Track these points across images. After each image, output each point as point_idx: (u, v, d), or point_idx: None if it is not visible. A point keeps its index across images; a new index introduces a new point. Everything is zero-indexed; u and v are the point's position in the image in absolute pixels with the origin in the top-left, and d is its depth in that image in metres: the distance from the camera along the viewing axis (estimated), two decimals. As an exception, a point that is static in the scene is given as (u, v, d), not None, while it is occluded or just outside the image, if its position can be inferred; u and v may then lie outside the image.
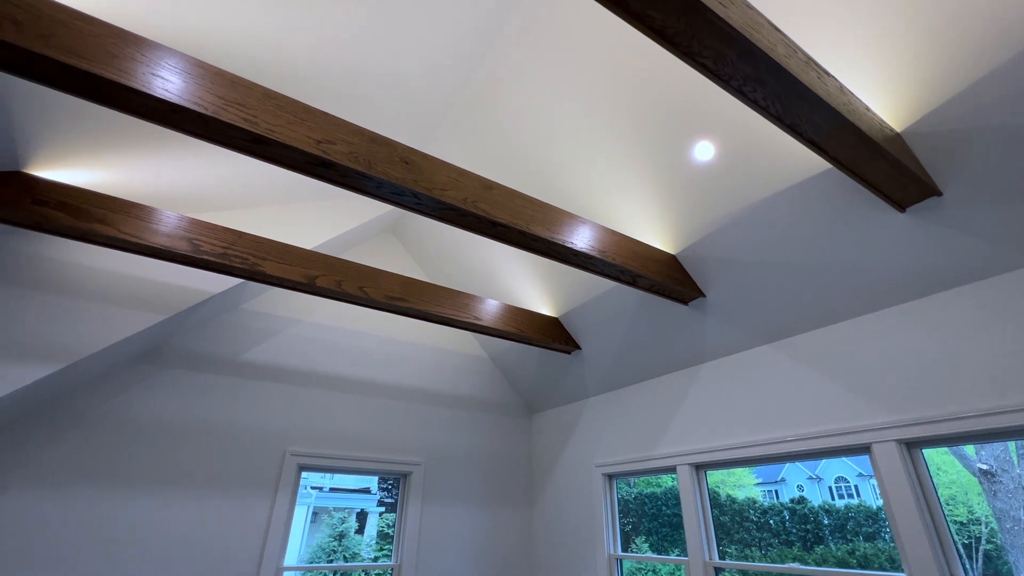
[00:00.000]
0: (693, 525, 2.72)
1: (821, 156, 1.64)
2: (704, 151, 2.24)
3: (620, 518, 3.35)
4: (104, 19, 1.65)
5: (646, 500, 3.59)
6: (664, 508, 3.63)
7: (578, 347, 3.52)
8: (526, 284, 3.48)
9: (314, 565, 5.23)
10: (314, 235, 3.05)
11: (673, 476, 3.66)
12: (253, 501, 2.99)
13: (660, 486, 3.78)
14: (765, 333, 2.60)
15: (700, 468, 2.85)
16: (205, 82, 1.53)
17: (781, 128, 1.52)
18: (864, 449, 2.15)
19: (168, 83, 1.46)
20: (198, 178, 2.59)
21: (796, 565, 2.33)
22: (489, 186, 2.04)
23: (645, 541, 3.44)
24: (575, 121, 2.51)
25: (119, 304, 2.51)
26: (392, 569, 3.32)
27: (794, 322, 2.46)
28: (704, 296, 2.66)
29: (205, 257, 2.33)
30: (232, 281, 2.79)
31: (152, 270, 2.64)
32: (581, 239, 2.25)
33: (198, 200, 2.73)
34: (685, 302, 2.72)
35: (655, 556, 3.17)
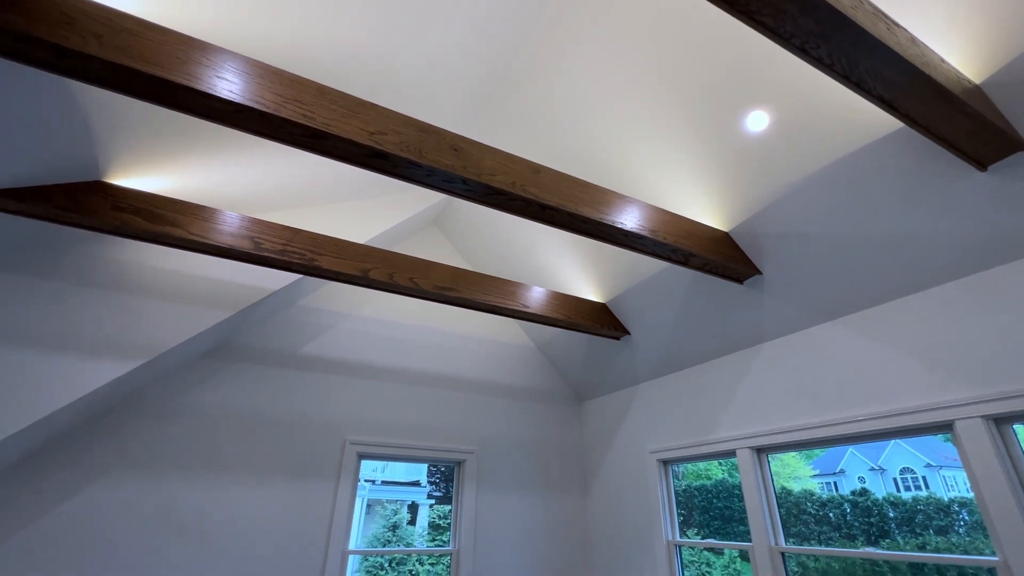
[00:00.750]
0: (756, 509, 2.65)
1: (892, 114, 1.54)
2: (757, 121, 2.15)
3: (675, 506, 3.29)
4: (169, 26, 1.74)
5: (695, 493, 3.50)
6: (715, 501, 3.53)
7: (627, 332, 3.47)
8: (571, 270, 3.46)
9: (377, 549, 5.41)
10: (365, 230, 3.14)
11: (723, 468, 3.57)
12: (317, 487, 3.12)
13: (710, 478, 3.68)
14: (829, 309, 2.48)
15: (762, 451, 2.76)
16: (264, 81, 1.60)
17: (847, 86, 1.44)
18: (945, 427, 2.02)
19: (232, 84, 1.54)
20: (256, 180, 2.71)
21: (872, 549, 2.22)
22: (537, 169, 2.04)
23: (697, 534, 3.36)
24: (620, 98, 2.46)
25: (190, 302, 2.67)
26: (451, 554, 3.40)
27: (862, 296, 2.34)
28: (760, 273, 2.57)
29: (266, 254, 2.44)
30: (291, 277, 2.91)
31: (217, 270, 2.79)
32: (631, 219, 2.21)
33: (257, 201, 2.86)
34: (740, 281, 2.64)
35: (716, 541, 3.10)
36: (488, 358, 4.07)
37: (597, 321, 3.36)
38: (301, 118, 1.61)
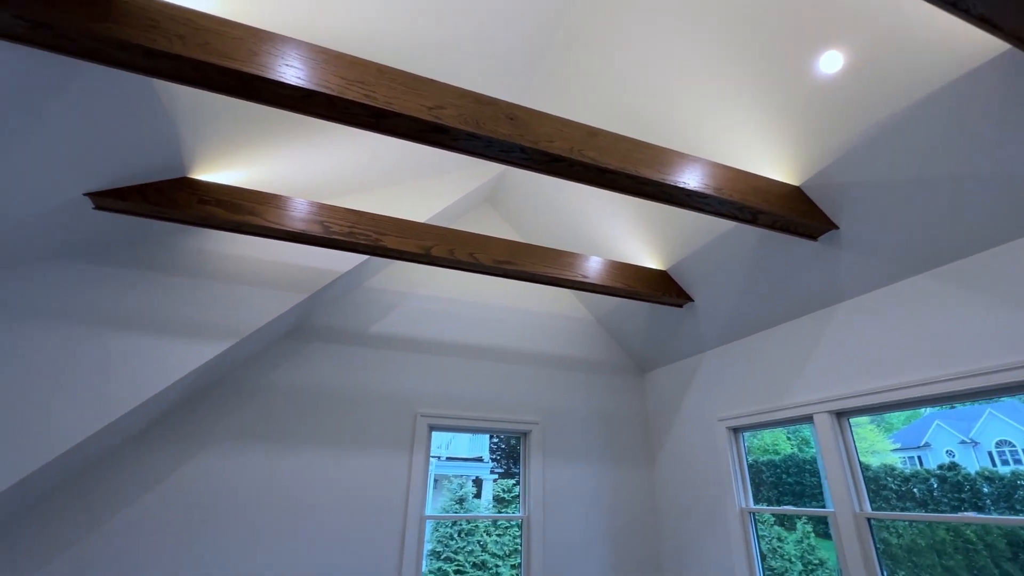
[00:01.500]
0: (837, 476, 2.54)
1: (995, 35, 1.39)
2: (830, 62, 2.00)
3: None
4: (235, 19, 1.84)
5: (763, 468, 3.38)
6: (784, 476, 3.40)
7: (690, 299, 3.38)
8: (630, 239, 3.40)
9: (451, 515, 5.68)
10: (424, 210, 3.22)
11: (792, 443, 3.43)
12: (393, 457, 3.30)
13: (778, 453, 3.55)
14: (918, 261, 2.30)
15: (842, 415, 2.64)
16: (328, 65, 1.66)
17: (943, 8, 1.31)
18: (1059, 382, 1.85)
19: (299, 71, 1.61)
20: (321, 168, 2.84)
21: (972, 514, 2.08)
22: (594, 133, 2.00)
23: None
24: (676, 49, 2.36)
25: (269, 287, 2.86)
26: (521, 520, 3.51)
27: (957, 245, 2.15)
28: (837, 228, 2.41)
29: (334, 236, 2.56)
30: (358, 258, 3.05)
31: (291, 255, 2.96)
32: (694, 178, 2.14)
33: (323, 187, 3.00)
34: (814, 237, 2.49)
35: (793, 508, 3.01)
36: (548, 331, 4.10)
37: (658, 289, 3.29)
38: (364, 98, 1.66)
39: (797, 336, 2.91)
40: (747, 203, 2.21)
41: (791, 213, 2.31)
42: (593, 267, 3.14)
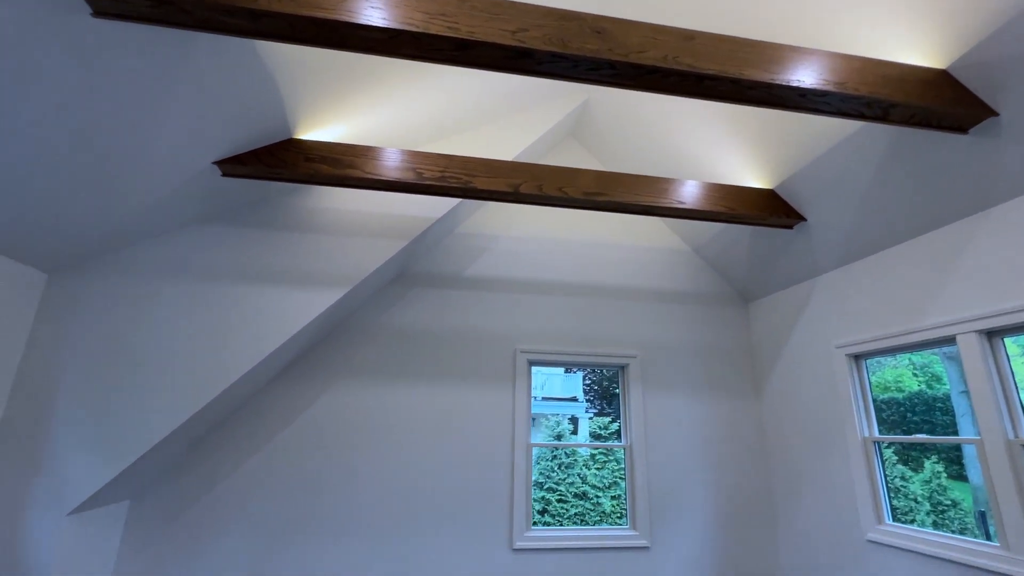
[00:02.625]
0: (987, 400, 2.27)
1: None
2: (996, -100, 1.61)
3: (873, 402, 2.97)
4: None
5: (883, 407, 3.09)
6: (909, 415, 3.09)
7: (802, 218, 3.08)
8: (730, 157, 3.13)
9: (555, 443, 5.98)
10: (510, 148, 3.21)
11: (919, 380, 3.09)
12: (497, 391, 3.51)
13: (902, 391, 3.22)
14: (1108, 145, 1.88)
15: (993, 335, 2.32)
16: (410, 1, 1.65)
17: None
18: None
19: (383, 11, 1.62)
20: (410, 117, 2.90)
21: None
22: (690, 36, 1.83)
23: (888, 447, 3.00)
24: (785, -70, 2.03)
25: (373, 236, 3.05)
26: (624, 449, 3.60)
27: None
28: (996, 115, 2.03)
29: (427, 182, 2.65)
30: (450, 203, 3.14)
31: (390, 206, 3.12)
32: (809, 74, 1.89)
33: (412, 133, 3.08)
34: (964, 129, 2.12)
35: (926, 436, 2.76)
36: (643, 265, 4.00)
37: (764, 210, 3.04)
38: (447, 31, 1.65)
39: (935, 250, 2.56)
40: (877, 96, 1.92)
41: (934, 102, 1.97)
42: (690, 192, 2.96)
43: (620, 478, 7.14)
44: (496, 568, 3.21)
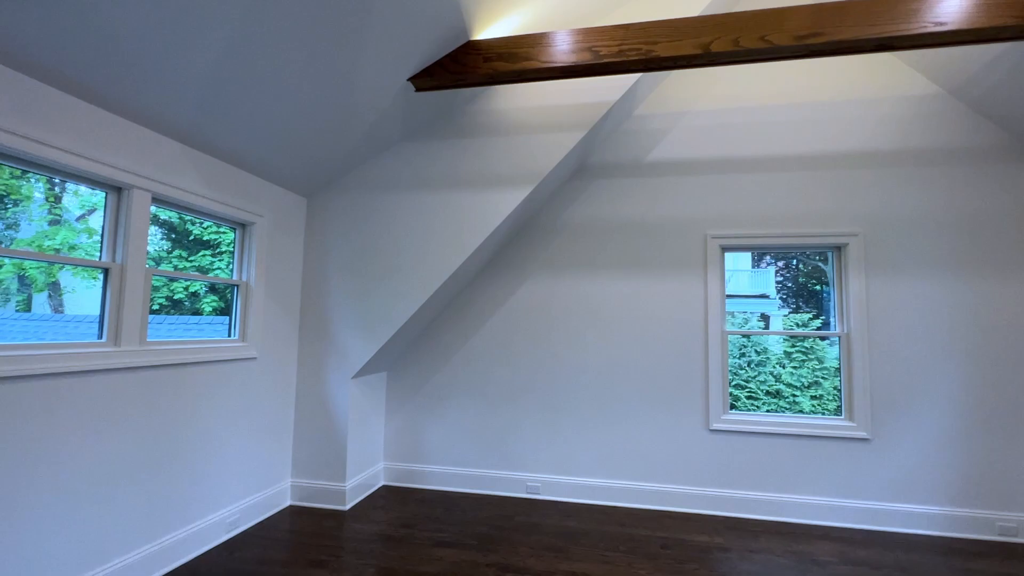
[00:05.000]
0: None
1: None
2: None
3: None
4: None
5: None
6: None
7: None
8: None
9: (752, 330, 5.75)
10: (695, 2, 2.79)
11: None
12: (689, 279, 3.40)
13: None
14: None
15: None
16: None
17: None
18: None
19: None
20: (577, -11, 2.70)
21: None
22: None
23: None
24: None
25: (552, 131, 3.06)
26: (840, 337, 3.23)
27: None
28: None
29: (605, 60, 2.49)
30: (627, 82, 2.93)
31: (564, 97, 3.05)
32: None
33: (585, 10, 2.89)
34: None
35: None
36: (871, 122, 3.26)
37: (1084, 9, 2.13)
38: None
39: None
40: None
41: None
42: (952, 6, 2.22)
43: (822, 377, 6.56)
44: (693, 447, 3.32)
